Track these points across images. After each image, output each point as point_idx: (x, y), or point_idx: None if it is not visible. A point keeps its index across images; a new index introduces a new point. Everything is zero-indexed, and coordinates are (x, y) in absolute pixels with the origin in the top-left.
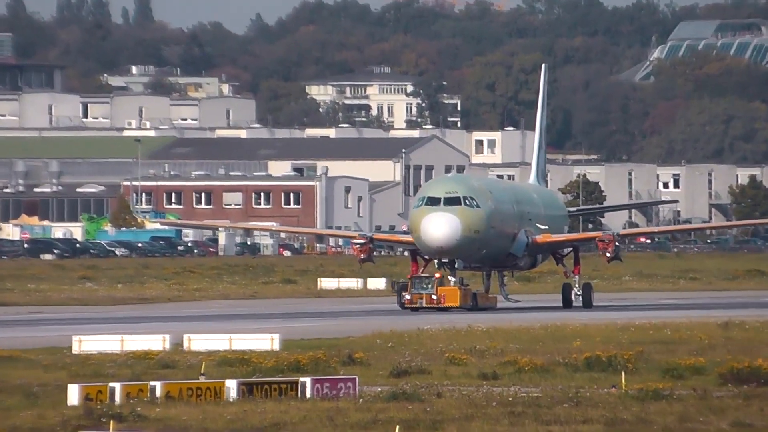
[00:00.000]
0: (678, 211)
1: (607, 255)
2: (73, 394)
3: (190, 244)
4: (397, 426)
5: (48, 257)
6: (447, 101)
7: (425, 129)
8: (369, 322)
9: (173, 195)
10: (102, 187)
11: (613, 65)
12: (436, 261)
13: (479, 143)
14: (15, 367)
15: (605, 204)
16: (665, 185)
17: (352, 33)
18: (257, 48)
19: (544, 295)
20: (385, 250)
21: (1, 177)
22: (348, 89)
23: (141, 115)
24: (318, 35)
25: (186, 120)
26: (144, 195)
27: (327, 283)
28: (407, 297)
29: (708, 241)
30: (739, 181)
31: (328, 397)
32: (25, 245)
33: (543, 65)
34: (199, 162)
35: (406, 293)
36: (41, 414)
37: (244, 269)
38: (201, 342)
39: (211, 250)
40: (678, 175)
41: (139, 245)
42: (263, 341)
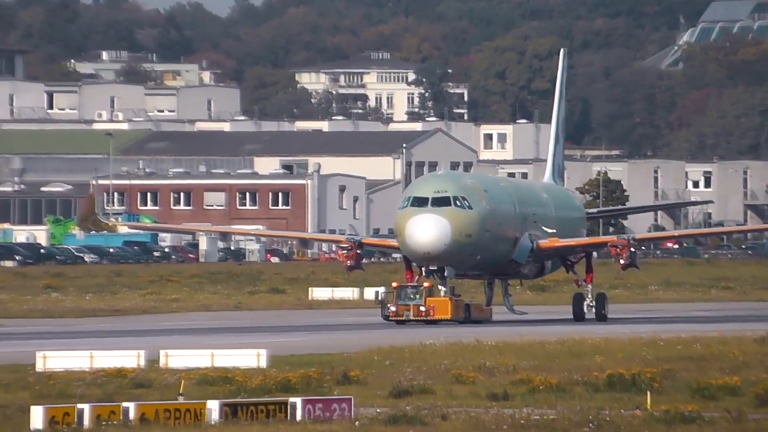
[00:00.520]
0: (709, 213)
1: (621, 262)
2: (37, 416)
3: (167, 249)
4: None
5: (9, 264)
6: (452, 91)
7: (428, 122)
8: (366, 336)
9: (148, 195)
10: (69, 187)
11: (638, 50)
12: (423, 268)
13: (488, 137)
14: None
15: (628, 205)
16: (695, 184)
17: (346, 15)
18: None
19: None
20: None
21: None
22: (342, 77)
23: (112, 106)
24: (309, 17)
25: (162, 111)
26: (116, 195)
27: (319, 293)
28: (392, 308)
29: (743, 246)
30: None
31: (320, 420)
32: None
33: (561, 50)
34: (178, 158)
35: (390, 304)
36: None
37: (227, 277)
38: (179, 358)
39: (191, 256)
40: (709, 173)
41: (111, 251)
42: (248, 357)
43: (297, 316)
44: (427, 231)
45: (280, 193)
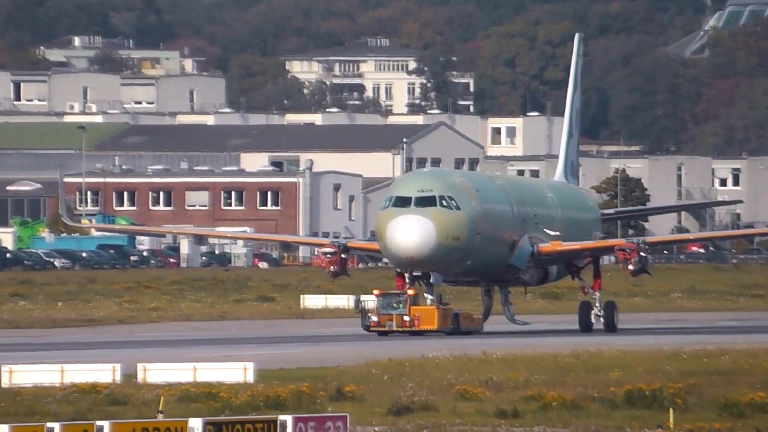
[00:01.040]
0: (738, 214)
1: (630, 267)
2: None
3: (145, 253)
4: None
5: None
6: (457, 80)
7: (430, 114)
8: (362, 348)
9: (125, 194)
10: (38, 185)
11: (660, 36)
12: (406, 275)
13: (496, 132)
14: None
15: (648, 205)
16: (722, 182)
17: None
18: (227, 16)
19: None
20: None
21: None
22: (337, 66)
23: (85, 97)
24: (300, 0)
25: (140, 103)
26: (89, 194)
27: (312, 301)
28: (373, 318)
29: None
30: None
31: None
32: None
33: (576, 35)
34: (157, 154)
35: (372, 314)
36: None
37: (211, 284)
38: (159, 372)
39: (172, 260)
40: (738, 170)
41: (84, 255)
42: (234, 371)
43: (287, 326)
44: (410, 234)
45: (268, 193)
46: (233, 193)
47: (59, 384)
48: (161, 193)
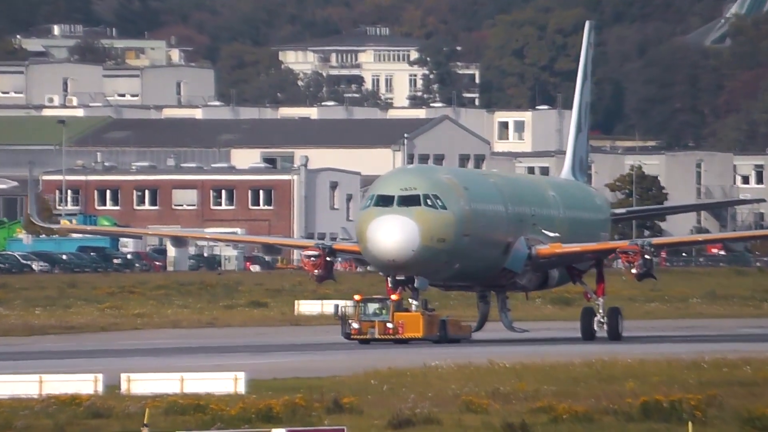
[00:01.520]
0: (761, 214)
1: (633, 271)
2: None
3: (129, 256)
4: None
5: None
6: (462, 72)
7: (433, 108)
8: (361, 356)
9: (107, 193)
10: (14, 183)
11: (678, 24)
12: (389, 279)
13: (503, 126)
14: None
15: (666, 204)
16: (745, 180)
17: None
18: (216, 3)
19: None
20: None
21: None
22: (334, 56)
23: (65, 89)
24: None
25: (124, 96)
26: (70, 192)
27: (306, 307)
28: (354, 325)
29: None
30: None
31: None
32: None
33: (587, 23)
34: (142, 150)
35: (353, 320)
36: None
37: (199, 289)
38: (144, 383)
39: (158, 264)
40: (761, 167)
41: (64, 258)
42: (224, 382)
43: (281, 333)
44: (392, 235)
45: (261, 191)
46: (223, 192)
47: (37, 395)
48: (146, 192)
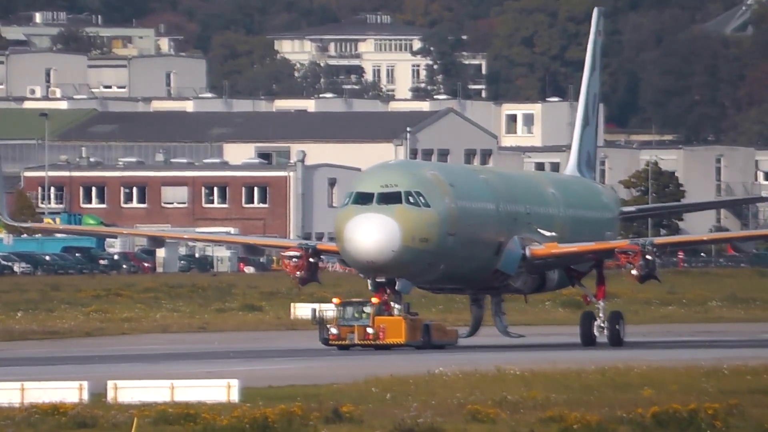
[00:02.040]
0: None
1: (634, 273)
2: None
3: (116, 257)
4: None
5: None
6: (467, 62)
7: (438, 100)
8: (361, 363)
9: (93, 190)
10: None
11: (697, 11)
12: (369, 281)
13: (512, 119)
14: None
15: (683, 201)
16: (767, 176)
17: None
18: None
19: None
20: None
21: None
22: (332, 46)
23: (48, 80)
24: None
25: (110, 87)
26: (53, 190)
27: (303, 311)
28: (333, 331)
29: None
30: None
31: None
32: None
33: (595, 9)
34: (129, 145)
35: (331, 325)
36: None
37: (190, 291)
38: (132, 391)
39: (146, 265)
40: None
41: (47, 259)
42: (217, 390)
43: (276, 338)
44: (370, 235)
45: (255, 188)
46: (215, 189)
47: (19, 404)
48: (134, 189)
